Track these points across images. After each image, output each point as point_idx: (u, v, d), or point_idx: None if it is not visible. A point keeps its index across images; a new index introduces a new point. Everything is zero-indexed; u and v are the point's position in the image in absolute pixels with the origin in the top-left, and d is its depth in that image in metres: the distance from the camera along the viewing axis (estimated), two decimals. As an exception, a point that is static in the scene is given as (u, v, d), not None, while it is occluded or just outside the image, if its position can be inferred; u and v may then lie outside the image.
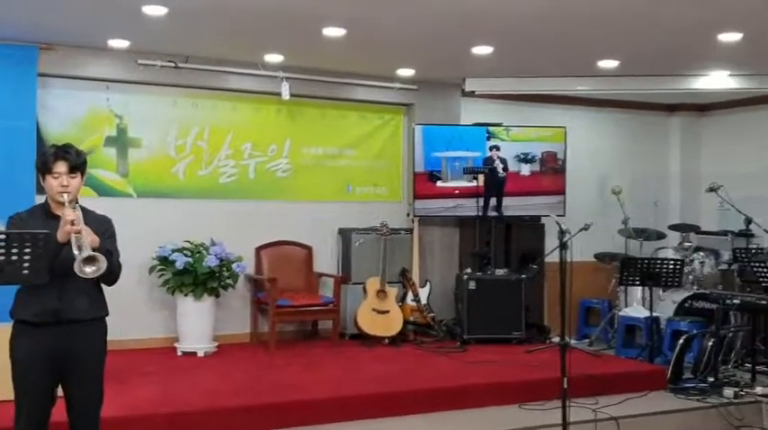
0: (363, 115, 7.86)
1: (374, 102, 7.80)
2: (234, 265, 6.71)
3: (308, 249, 7.51)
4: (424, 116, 7.87)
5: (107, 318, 3.54)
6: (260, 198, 7.41)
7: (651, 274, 6.85)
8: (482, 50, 6.40)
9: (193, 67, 6.89)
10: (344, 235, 7.62)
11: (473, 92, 7.85)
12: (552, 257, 5.58)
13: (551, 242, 7.31)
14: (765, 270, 6.19)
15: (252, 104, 7.40)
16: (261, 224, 7.34)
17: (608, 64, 6.94)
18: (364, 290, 7.23)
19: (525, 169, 7.99)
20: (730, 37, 5.84)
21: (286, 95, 7.11)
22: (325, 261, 7.63)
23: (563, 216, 7.19)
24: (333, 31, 5.84)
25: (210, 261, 6.52)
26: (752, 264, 6.57)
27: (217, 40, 6.33)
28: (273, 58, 6.86)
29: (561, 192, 8.02)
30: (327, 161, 7.70)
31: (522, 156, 7.96)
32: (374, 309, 7.16)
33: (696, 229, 8.34)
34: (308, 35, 5.97)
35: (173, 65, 6.79)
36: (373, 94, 7.71)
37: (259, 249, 7.32)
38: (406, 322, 7.27)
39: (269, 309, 6.85)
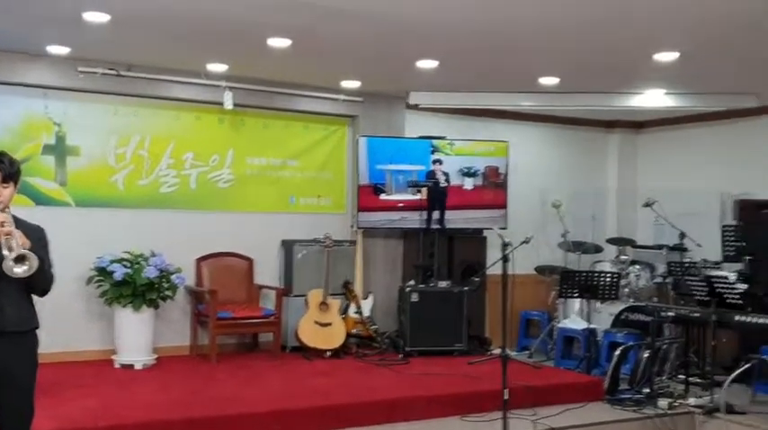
0: (307, 126, 7.85)
1: (319, 113, 7.79)
2: (173, 277, 6.61)
3: (250, 261, 7.45)
4: (368, 128, 7.89)
5: (37, 331, 3.45)
6: (201, 209, 7.32)
7: (589, 287, 6.99)
8: (427, 64, 6.46)
9: (135, 75, 6.80)
10: (287, 246, 7.58)
11: (417, 105, 7.91)
12: (494, 270, 5.64)
13: (493, 254, 7.40)
14: (698, 283, 6.36)
15: (194, 114, 7.32)
16: (202, 235, 7.26)
17: (549, 81, 7.07)
18: (306, 302, 7.20)
19: (468, 183, 8.07)
20: (667, 56, 6.01)
21: (229, 105, 7.07)
22: (268, 273, 7.57)
23: (505, 229, 7.28)
24: (278, 42, 5.82)
25: (150, 272, 6.42)
26: (685, 277, 6.75)
27: (159, 49, 6.26)
28: (217, 67, 6.81)
29: (503, 205, 8.12)
30: (270, 172, 7.66)
31: (466, 170, 8.04)
32: (316, 322, 7.13)
33: (632, 243, 8.54)
34: (252, 45, 5.95)
35: (114, 72, 6.69)
36: (318, 105, 7.71)
37: (200, 260, 7.23)
38: (348, 334, 7.26)
39: (209, 322, 6.77)
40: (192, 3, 4.94)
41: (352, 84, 7.48)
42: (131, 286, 6.38)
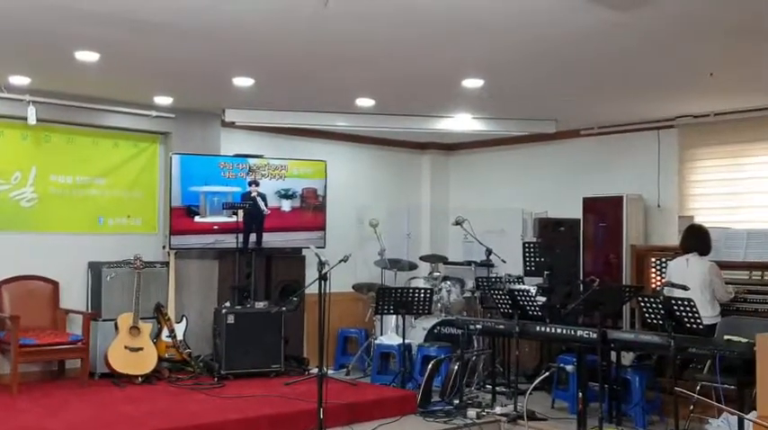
0: (117, 143, 7.55)
1: (129, 129, 7.53)
2: (-33, 303, 6.14)
3: (55, 284, 7.06)
4: (181, 145, 7.71)
5: None
6: (1, 229, 6.86)
7: (404, 303, 7.20)
8: (242, 82, 6.40)
9: (-74, 87, 6.28)
10: (95, 269, 7.24)
11: (233, 122, 7.84)
12: (312, 289, 5.68)
13: (312, 274, 7.44)
14: (502, 297, 6.73)
15: (-7, 129, 6.87)
16: (3, 258, 6.81)
17: (365, 102, 7.25)
18: (116, 326, 6.91)
19: (286, 205, 8.07)
20: (473, 83, 6.33)
21: (32, 120, 6.71)
22: (75, 297, 7.20)
23: (323, 248, 7.35)
24: (85, 55, 5.57)
25: (-61, 299, 5.92)
26: (491, 291, 7.12)
27: (-48, 59, 5.82)
28: (19, 80, 6.42)
29: (322, 227, 8.19)
30: (77, 190, 7.31)
31: (283, 193, 8.04)
32: (126, 347, 6.85)
33: (444, 260, 8.90)
34: (57, 58, 5.66)
35: None
36: (128, 121, 7.45)
37: (0, 284, 6.77)
38: (160, 359, 7.03)
39: (11, 349, 6.35)
40: (-13, 11, 4.63)
41: (164, 100, 7.29)
42: None
